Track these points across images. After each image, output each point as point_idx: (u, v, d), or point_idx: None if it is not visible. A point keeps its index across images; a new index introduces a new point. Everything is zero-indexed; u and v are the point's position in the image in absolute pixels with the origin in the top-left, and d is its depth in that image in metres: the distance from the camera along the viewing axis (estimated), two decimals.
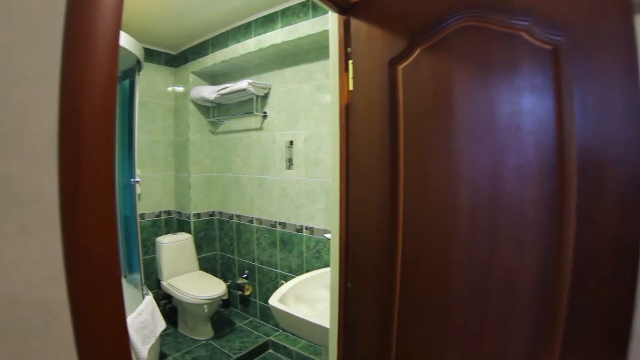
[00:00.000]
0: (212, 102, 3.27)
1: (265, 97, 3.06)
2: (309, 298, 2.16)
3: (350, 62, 1.31)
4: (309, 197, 2.79)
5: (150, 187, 3.45)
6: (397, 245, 1.18)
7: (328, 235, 2.51)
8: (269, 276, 3.16)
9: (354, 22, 1.26)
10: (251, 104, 3.07)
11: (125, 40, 2.27)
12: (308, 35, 2.38)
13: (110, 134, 0.65)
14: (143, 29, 3.00)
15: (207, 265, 3.58)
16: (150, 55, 3.37)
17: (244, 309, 3.47)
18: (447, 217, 1.05)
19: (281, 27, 2.54)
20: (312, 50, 2.64)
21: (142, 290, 2.71)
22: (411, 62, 1.12)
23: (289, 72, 2.86)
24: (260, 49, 2.70)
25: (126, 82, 2.91)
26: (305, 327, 1.74)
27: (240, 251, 3.41)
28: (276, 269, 3.09)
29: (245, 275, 3.35)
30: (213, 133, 3.59)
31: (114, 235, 0.69)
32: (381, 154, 1.21)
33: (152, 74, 3.41)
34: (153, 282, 3.43)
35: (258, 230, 3.21)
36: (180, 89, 3.54)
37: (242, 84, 2.85)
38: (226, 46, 2.98)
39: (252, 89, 2.87)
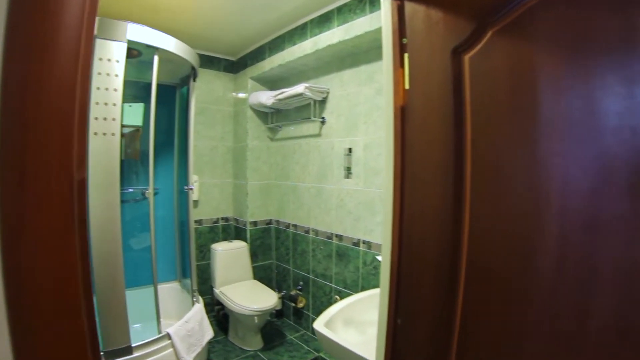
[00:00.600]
0: (269, 107, 3.19)
1: (323, 101, 2.91)
2: (360, 321, 1.94)
3: (406, 55, 1.10)
4: (368, 209, 2.58)
5: (209, 193, 3.44)
6: (458, 280, 0.94)
7: (380, 257, 2.29)
8: (323, 290, 2.99)
9: (409, 6, 1.04)
10: (309, 110, 2.94)
11: (179, 48, 2.24)
12: (366, 33, 2.18)
13: (67, 135, 0.51)
14: (202, 36, 3.00)
15: (262, 274, 3.49)
16: (210, 62, 3.38)
17: (297, 321, 3.33)
18: (528, 252, 0.80)
19: (337, 26, 2.37)
20: (371, 49, 2.44)
21: (193, 297, 2.66)
22: (480, 49, 0.88)
23: (347, 75, 2.68)
24: (317, 50, 2.55)
25: (184, 89, 2.92)
26: (349, 357, 1.53)
27: (296, 262, 3.27)
28: (331, 282, 2.91)
29: (299, 287, 3.21)
30: (272, 139, 3.51)
31: (72, 252, 0.55)
32: (443, 164, 0.98)
33: (211, 80, 3.42)
34: (208, 288, 3.41)
35: (314, 241, 3.05)
36: (239, 95, 3.51)
37: (299, 88, 2.72)
38: (282, 49, 2.88)
39: (309, 94, 2.73)
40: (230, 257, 3.17)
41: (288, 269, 3.38)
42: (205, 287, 3.41)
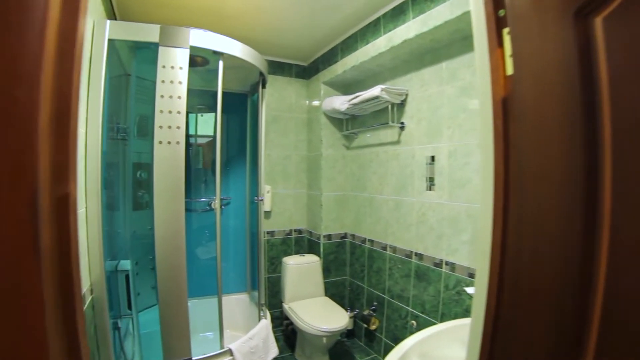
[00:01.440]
0: (344, 113, 2.99)
1: (401, 105, 2.64)
2: (440, 357, 1.64)
3: (505, 31, 0.82)
4: (452, 225, 2.25)
5: (282, 204, 3.33)
6: (587, 336, 0.63)
7: (470, 290, 1.94)
8: (399, 312, 2.69)
9: None
10: (386, 114, 2.68)
11: (245, 52, 2.14)
12: (445, 23, 1.88)
13: None
14: (270, 42, 2.91)
15: (334, 290, 3.28)
16: (281, 68, 3.29)
17: (368, 343, 3.05)
18: None
19: (413, 18, 2.10)
20: (453, 42, 2.13)
21: (260, 312, 2.53)
22: (620, 4, 0.58)
23: (427, 73, 2.38)
24: (392, 47, 2.29)
25: (255, 97, 2.85)
26: None
27: (371, 280, 3.01)
28: (407, 305, 2.60)
29: (373, 307, 2.94)
30: (347, 148, 3.31)
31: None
32: (568, 175, 0.68)
33: (283, 87, 3.32)
34: (278, 301, 3.28)
35: (391, 259, 2.77)
36: (312, 102, 3.36)
37: (375, 90, 2.48)
38: (355, 49, 2.67)
39: (386, 96, 2.48)
40: (301, 271, 3.01)
41: (362, 286, 3.13)
42: (275, 301, 3.29)
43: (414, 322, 2.53)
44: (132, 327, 2.16)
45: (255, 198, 2.51)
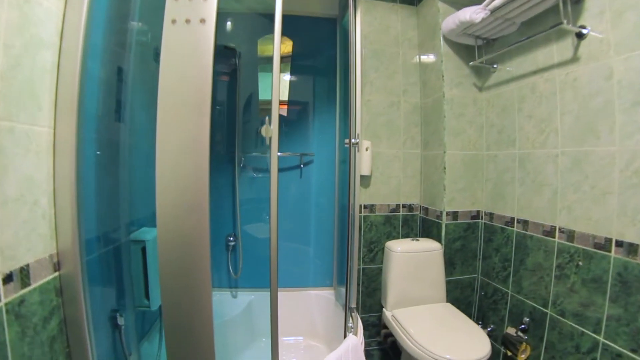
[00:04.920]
0: (479, 32, 1.98)
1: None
2: None
3: None
4: None
5: (386, 168, 2.43)
6: None
7: None
8: (575, 341, 1.62)
9: None
10: (549, 18, 1.63)
11: None
12: None
13: None
14: None
15: (458, 293, 2.28)
16: None
17: None
18: None
19: None
20: None
21: (347, 321, 1.68)
22: None
23: None
24: None
25: (345, 20, 2.04)
26: None
27: (520, 282, 1.96)
28: (594, 332, 1.53)
29: (523, 327, 1.89)
30: (480, 89, 2.27)
31: None
32: None
33: (385, 15, 2.42)
34: (377, 302, 2.41)
35: (563, 250, 1.70)
36: (423, 32, 2.39)
37: None
38: None
39: None
40: (413, 262, 2.09)
41: (503, 291, 2.08)
42: (371, 302, 2.42)
43: None
44: (144, 324, 1.50)
45: (346, 141, 1.63)
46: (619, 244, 1.44)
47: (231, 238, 2.27)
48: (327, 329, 1.85)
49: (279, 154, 1.33)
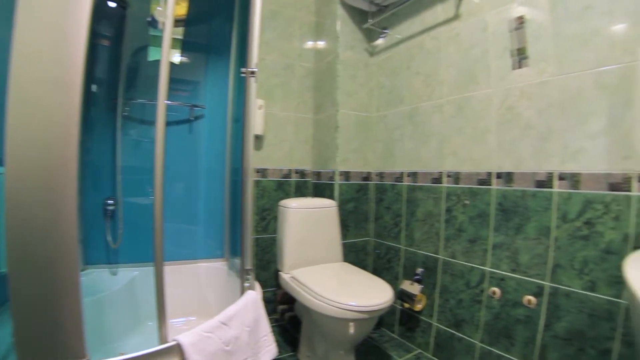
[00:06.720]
0: None
1: None
2: None
3: None
4: (567, 112, 1.33)
5: (279, 132, 2.34)
6: None
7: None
8: (466, 279, 1.70)
9: None
10: None
11: None
12: None
13: None
14: None
15: (353, 257, 2.27)
16: None
17: (406, 334, 2.06)
18: None
19: None
20: None
21: (244, 281, 1.52)
22: None
23: None
24: None
25: None
26: None
27: (412, 235, 2.02)
28: (481, 265, 1.62)
29: (418, 277, 1.95)
30: (371, 54, 2.33)
31: None
32: None
33: None
34: (271, 276, 2.28)
35: (451, 193, 1.79)
36: None
37: None
38: None
39: None
40: (309, 219, 2.01)
41: (396, 248, 2.13)
42: (266, 276, 2.29)
43: (495, 289, 1.55)
44: None
45: (243, 70, 1.47)
46: (499, 176, 1.56)
47: (110, 201, 1.91)
48: (222, 305, 1.64)
49: (167, 102, 1.15)
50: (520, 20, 1.49)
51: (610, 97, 1.21)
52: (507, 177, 1.53)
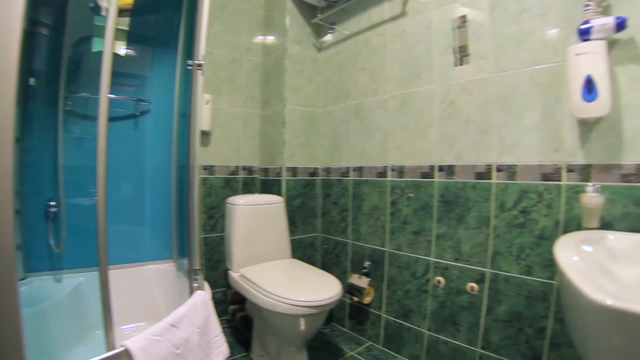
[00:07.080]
0: None
1: None
2: None
3: None
4: (505, 107, 1.41)
5: (226, 127, 2.28)
6: None
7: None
8: (412, 270, 1.75)
9: None
10: None
11: None
12: None
13: None
14: None
15: (301, 253, 2.26)
16: None
17: (357, 327, 2.08)
18: None
19: None
20: None
21: (192, 282, 1.46)
22: None
23: None
24: None
25: None
26: None
27: (359, 230, 2.04)
28: (426, 256, 1.68)
29: (365, 270, 1.97)
30: (319, 49, 2.34)
31: None
32: None
33: None
34: (220, 275, 2.22)
35: (395, 186, 1.83)
36: None
37: None
38: None
39: None
40: (257, 216, 1.97)
41: (344, 242, 2.14)
42: (217, 275, 2.22)
43: (440, 279, 1.61)
44: None
45: (189, 62, 1.40)
46: (441, 168, 1.62)
47: (52, 203, 1.74)
48: (171, 308, 1.54)
49: (112, 96, 1.07)
50: (463, 20, 1.55)
51: (543, 94, 1.30)
52: (448, 170, 1.59)
